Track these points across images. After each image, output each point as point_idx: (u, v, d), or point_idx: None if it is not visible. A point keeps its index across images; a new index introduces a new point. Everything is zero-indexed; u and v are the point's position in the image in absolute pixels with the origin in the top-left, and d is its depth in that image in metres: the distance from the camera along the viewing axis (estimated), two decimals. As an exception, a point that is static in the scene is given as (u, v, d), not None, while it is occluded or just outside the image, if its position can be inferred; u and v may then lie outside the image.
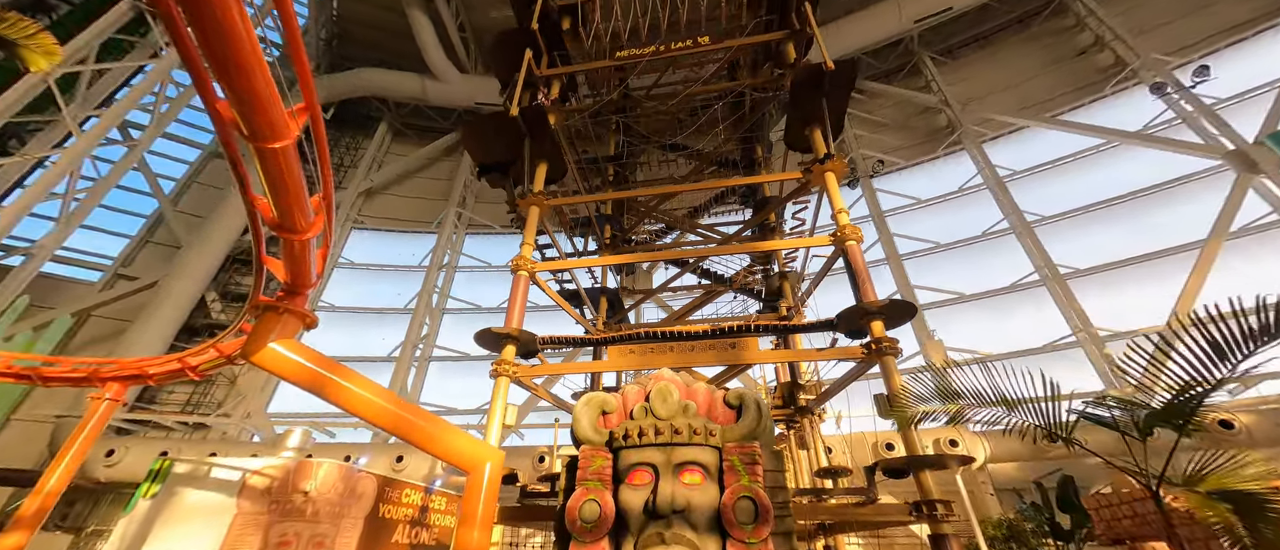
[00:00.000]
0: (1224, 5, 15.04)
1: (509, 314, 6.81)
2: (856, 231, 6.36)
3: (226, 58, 2.17)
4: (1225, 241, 12.22)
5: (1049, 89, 17.94)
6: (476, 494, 4.19)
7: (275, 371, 3.75)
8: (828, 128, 7.23)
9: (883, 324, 5.62)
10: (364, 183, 22.44)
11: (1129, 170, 14.95)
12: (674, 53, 8.52)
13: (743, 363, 6.63)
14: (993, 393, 3.33)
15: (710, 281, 12.66)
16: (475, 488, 4.22)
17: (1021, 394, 3.26)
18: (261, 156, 2.66)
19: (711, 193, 14.73)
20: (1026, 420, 3.26)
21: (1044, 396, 3.13)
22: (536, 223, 7.85)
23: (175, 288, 15.83)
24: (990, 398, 3.35)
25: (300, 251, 3.49)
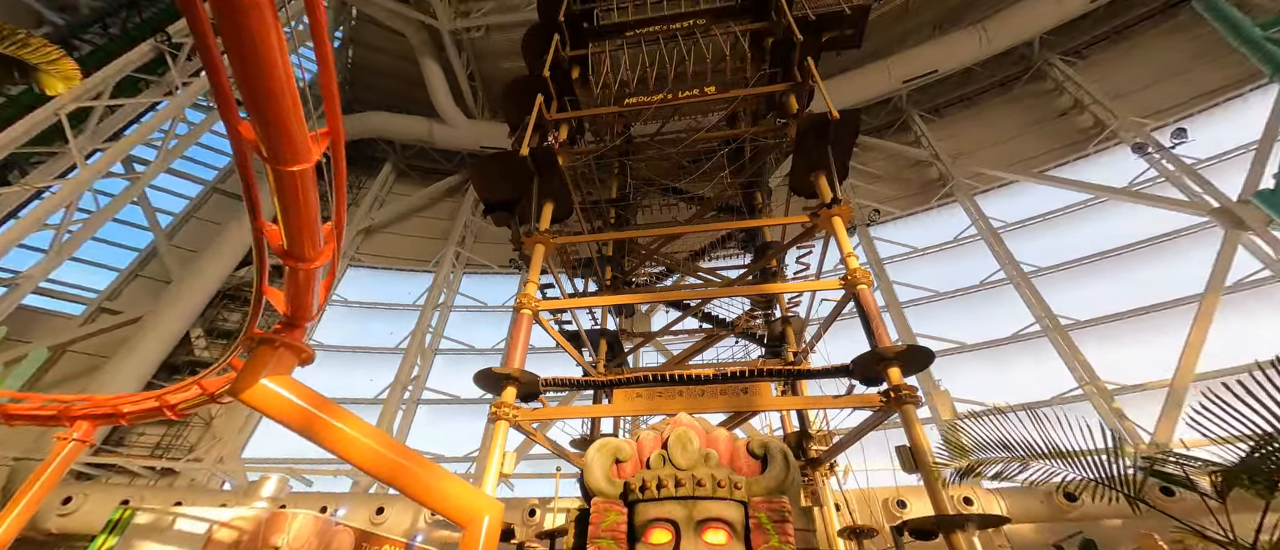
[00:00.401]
0: (1196, 73, 15.99)
1: (510, 353, 6.56)
2: (867, 275, 6.31)
3: (259, 81, 2.12)
4: (1222, 295, 12.31)
5: (1035, 146, 18.68)
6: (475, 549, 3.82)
7: (265, 410, 3.48)
8: (834, 174, 7.35)
9: (900, 371, 5.45)
10: (364, 221, 22.49)
11: (1120, 223, 15.31)
12: (681, 101, 8.79)
13: (755, 409, 6.36)
14: (1043, 444, 3.12)
15: (712, 325, 12.50)
16: (473, 543, 3.86)
17: (1060, 445, 3.05)
18: (279, 179, 2.56)
19: (712, 236, 14.85)
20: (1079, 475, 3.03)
21: (1105, 449, 2.91)
22: (541, 261, 7.76)
23: (160, 323, 15.36)
24: (1040, 449, 3.13)
25: (305, 281, 3.33)
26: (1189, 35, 17.23)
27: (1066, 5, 17.79)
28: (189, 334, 17.00)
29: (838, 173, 7.53)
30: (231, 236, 18.71)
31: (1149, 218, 14.81)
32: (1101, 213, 15.92)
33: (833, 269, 10.63)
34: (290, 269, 3.22)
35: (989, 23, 18.67)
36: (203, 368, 16.20)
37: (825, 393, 7.33)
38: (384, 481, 3.78)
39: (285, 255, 3.07)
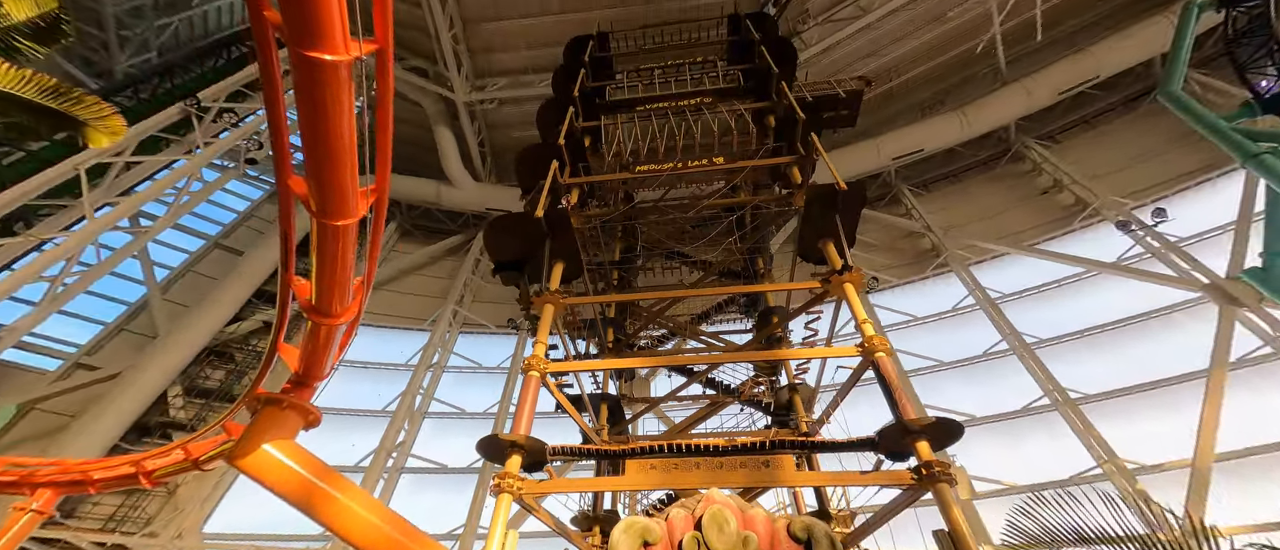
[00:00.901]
0: (1169, 157, 17.05)
1: (516, 418, 6.23)
2: (885, 343, 6.23)
3: (325, 140, 2.15)
4: (1228, 371, 12.27)
5: (1022, 221, 19.42)
6: None
7: (263, 480, 3.20)
8: (843, 241, 7.50)
9: (929, 445, 5.21)
10: (363, 278, 22.37)
11: (1114, 296, 15.57)
12: (691, 169, 9.15)
13: (777, 484, 6.00)
14: (1121, 528, 2.88)
15: (716, 392, 12.16)
16: None
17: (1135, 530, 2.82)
18: (324, 233, 2.53)
19: (715, 300, 14.88)
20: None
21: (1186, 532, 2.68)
22: (551, 322, 7.63)
23: (139, 379, 14.68)
24: (1115, 533, 2.88)
25: (326, 338, 3.21)
26: (1156, 123, 18.59)
27: (1035, 97, 19.31)
28: (166, 393, 16.20)
29: (847, 241, 7.69)
30: (227, 292, 18.46)
31: (1141, 291, 15.10)
32: (1094, 286, 16.24)
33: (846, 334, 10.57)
34: (314, 325, 3.10)
35: (967, 109, 20.13)
36: (177, 429, 15.33)
37: (844, 467, 6.97)
38: (385, 563, 3.40)
39: (311, 310, 2.97)
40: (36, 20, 5.01)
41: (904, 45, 20.27)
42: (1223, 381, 12.17)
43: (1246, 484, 10.97)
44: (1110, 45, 17.73)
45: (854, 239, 7.90)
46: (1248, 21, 10.49)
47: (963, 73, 22.46)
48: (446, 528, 15.60)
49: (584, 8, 20.11)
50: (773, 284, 9.86)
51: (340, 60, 1.91)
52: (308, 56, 1.83)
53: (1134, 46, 17.49)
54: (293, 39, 1.79)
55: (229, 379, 17.02)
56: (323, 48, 1.84)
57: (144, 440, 15.17)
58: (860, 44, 20.79)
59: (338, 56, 1.89)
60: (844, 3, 19.72)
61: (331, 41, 1.85)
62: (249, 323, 18.77)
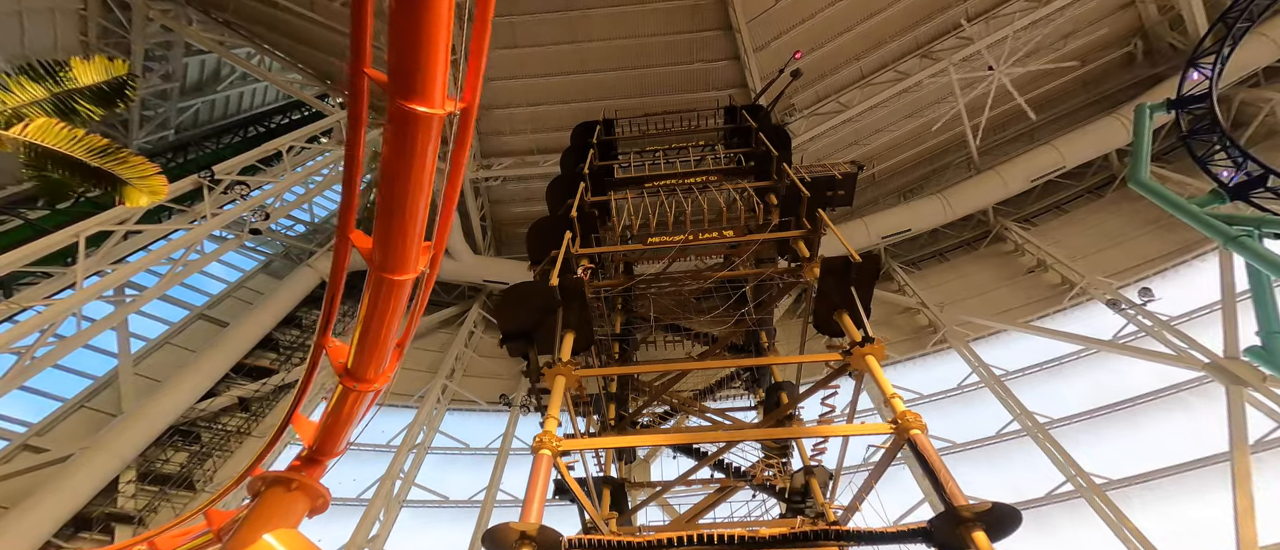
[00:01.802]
0: (1145, 239, 17.98)
1: (526, 505, 5.62)
2: (919, 419, 5.95)
3: (403, 189, 2.09)
4: (1250, 455, 11.96)
5: (1013, 299, 19.85)
6: None
7: (259, 577, 2.72)
8: (862, 312, 7.47)
9: (986, 536, 4.77)
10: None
11: (1116, 374, 15.53)
12: (701, 243, 9.31)
13: None
14: None
15: (725, 476, 11.40)
16: None
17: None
18: (379, 289, 2.38)
19: (718, 376, 14.47)
20: None
21: None
22: (562, 396, 7.23)
23: (93, 462, 13.33)
24: None
25: (353, 407, 2.92)
26: (1122, 209, 19.88)
27: (1010, 185, 20.69)
28: (117, 479, 14.64)
29: (864, 312, 7.67)
30: (204, 364, 17.49)
31: (1142, 369, 15.11)
32: (1095, 363, 16.25)
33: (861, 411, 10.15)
34: (343, 392, 2.82)
35: (948, 193, 21.40)
36: (122, 522, 13.66)
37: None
38: None
39: (346, 375, 2.72)
40: (103, 84, 5.20)
41: (884, 136, 21.95)
42: (1247, 466, 11.79)
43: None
44: (1071, 139, 19.40)
45: (869, 310, 7.88)
46: (1195, 120, 11.63)
47: (938, 161, 24.19)
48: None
49: (586, 99, 21.71)
50: (787, 356, 9.63)
51: (434, 114, 1.91)
52: (407, 107, 1.82)
53: (1092, 142, 19.17)
54: (396, 91, 1.80)
55: (191, 462, 15.56)
56: (422, 101, 1.85)
57: (80, 535, 13.44)
58: (843, 135, 22.49)
59: (433, 110, 1.90)
60: (826, 99, 21.63)
61: (430, 96, 1.87)
62: (223, 399, 17.61)
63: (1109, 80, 20.50)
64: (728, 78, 21.57)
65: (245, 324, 19.38)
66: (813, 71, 20.47)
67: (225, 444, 16.71)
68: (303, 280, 22.15)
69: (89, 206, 16.00)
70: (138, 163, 5.16)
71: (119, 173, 5.01)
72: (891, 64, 20.20)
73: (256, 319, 19.79)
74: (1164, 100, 12.14)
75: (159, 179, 5.34)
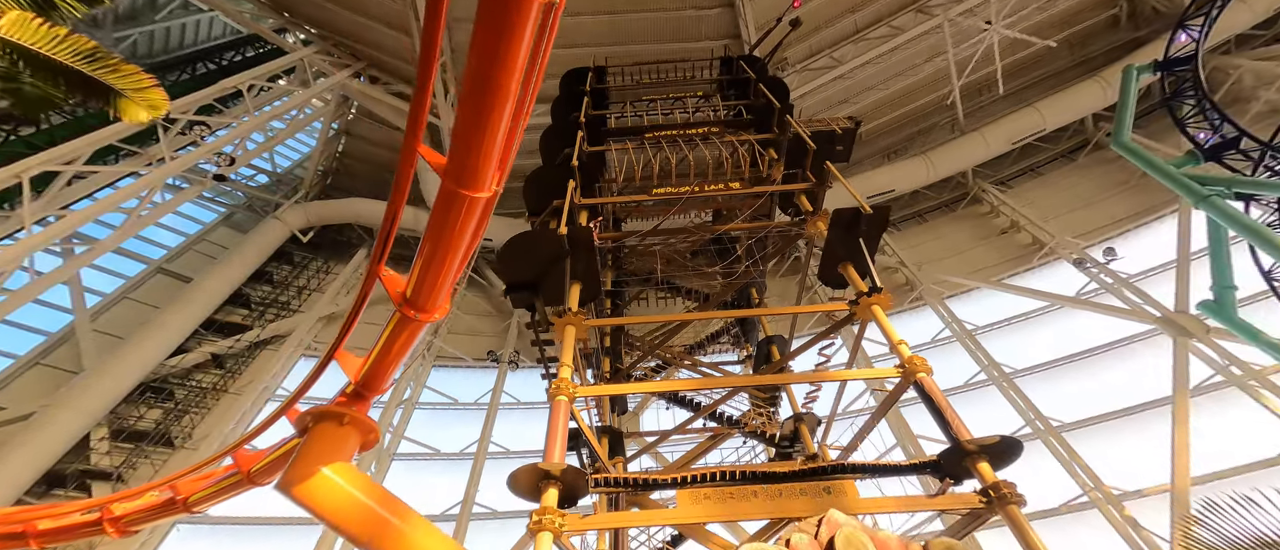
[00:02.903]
0: (1109, 201, 18.90)
1: (548, 449, 5.67)
2: (926, 363, 6.21)
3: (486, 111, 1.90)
4: (1190, 398, 13.17)
5: (987, 258, 20.72)
6: None
7: (320, 511, 2.63)
8: (869, 264, 7.60)
9: (990, 466, 5.11)
10: (329, 307, 20.84)
11: (1076, 327, 16.64)
12: (709, 192, 9.17)
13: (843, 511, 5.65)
14: None
15: (718, 424, 11.82)
16: None
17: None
18: (450, 206, 2.19)
19: (707, 331, 14.72)
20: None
21: None
22: (573, 345, 7.19)
23: (59, 420, 12.68)
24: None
25: (408, 339, 2.77)
26: (1092, 173, 20.72)
27: (991, 145, 21.09)
28: (88, 437, 14.04)
29: (871, 263, 7.80)
30: (170, 320, 16.61)
31: (1101, 322, 16.22)
32: (1057, 317, 17.32)
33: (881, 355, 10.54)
34: (400, 321, 2.66)
35: (932, 154, 21.69)
36: (99, 479, 13.23)
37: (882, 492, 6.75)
38: (458, 613, 2.84)
39: (405, 303, 2.56)
40: (85, -29, 4.43)
41: (874, 94, 21.82)
42: (1187, 408, 13.00)
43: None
44: (1053, 102, 19.78)
45: (873, 262, 8.02)
46: (1180, 82, 11.96)
47: (924, 122, 24.39)
48: (417, 585, 13.97)
49: (574, 44, 20.57)
50: (793, 307, 9.80)
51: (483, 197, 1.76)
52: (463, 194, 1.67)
53: (1072, 105, 19.60)
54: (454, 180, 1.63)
55: (167, 419, 15.02)
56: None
57: (53, 492, 12.96)
58: (832, 92, 22.21)
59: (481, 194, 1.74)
60: (819, 54, 21.19)
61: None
62: (194, 355, 16.89)
63: (1094, 42, 20.78)
64: (720, 27, 20.78)
65: (212, 279, 18.38)
66: (807, 24, 19.91)
67: (201, 401, 16.17)
68: (271, 233, 21.01)
69: (22, 146, 14.41)
70: (132, 71, 4.50)
71: (113, 83, 4.34)
72: (887, 18, 19.83)
73: (224, 274, 18.80)
74: (1151, 62, 12.39)
75: (158, 92, 4.69)
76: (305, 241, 22.02)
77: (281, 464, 3.80)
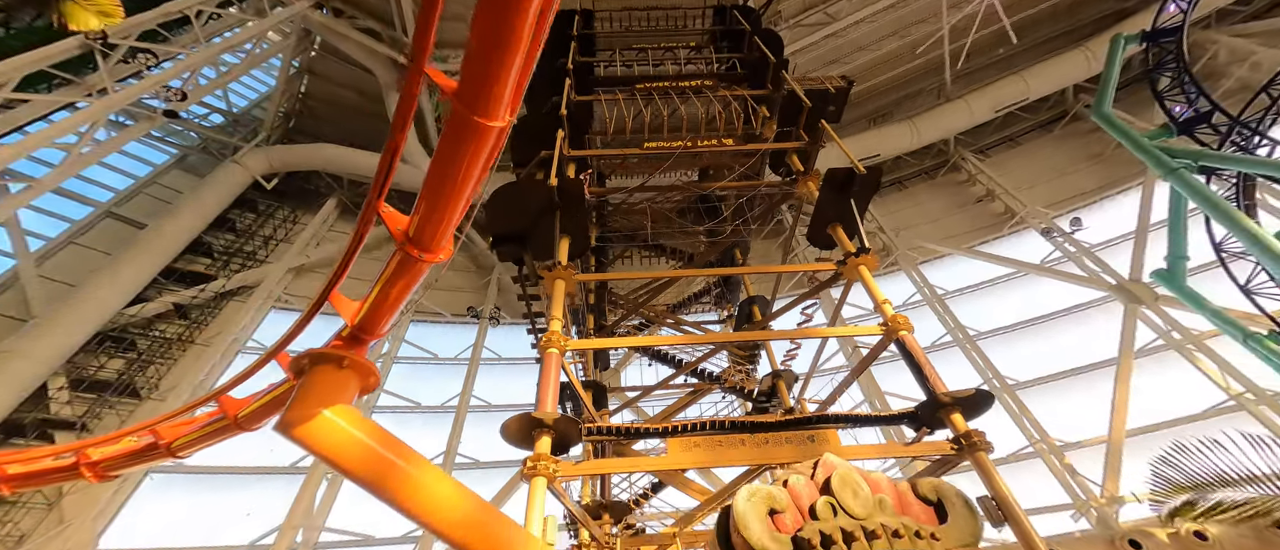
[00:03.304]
0: (1080, 173, 19.53)
1: (541, 399, 5.71)
2: (908, 322, 6.42)
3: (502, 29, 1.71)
4: (1135, 359, 14.19)
5: (960, 225, 21.31)
6: None
7: (323, 452, 2.56)
8: (858, 225, 7.67)
9: (963, 416, 5.41)
10: (298, 258, 20.04)
11: (1038, 294, 17.52)
12: (702, 148, 8.97)
13: None
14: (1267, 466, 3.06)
15: (699, 380, 12.16)
16: None
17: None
18: (462, 132, 2.02)
19: (689, 292, 14.86)
20: None
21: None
22: (562, 298, 7.12)
23: (10, 368, 12.04)
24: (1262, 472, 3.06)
25: (410, 280, 2.63)
26: (1066, 145, 21.25)
27: (976, 114, 21.26)
28: (46, 386, 13.42)
29: (860, 223, 7.88)
30: (125, 267, 15.69)
31: (1062, 289, 17.11)
32: (1024, 284, 18.17)
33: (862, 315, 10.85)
34: (401, 261, 2.52)
35: (917, 120, 21.76)
36: (62, 428, 12.78)
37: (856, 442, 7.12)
38: (463, 545, 2.88)
39: (408, 242, 2.41)
40: None
41: (866, 55, 21.45)
42: (1129, 369, 14.04)
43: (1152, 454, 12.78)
44: (1038, 71, 19.90)
45: (863, 223, 8.11)
46: (1163, 53, 12.13)
47: (910, 88, 24.26)
48: (398, 532, 14.32)
49: (558, -16, 19.30)
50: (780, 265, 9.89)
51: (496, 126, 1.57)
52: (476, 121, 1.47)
53: (1056, 74, 19.78)
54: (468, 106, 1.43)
55: (130, 370, 14.47)
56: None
57: (12, 441, 12.49)
58: (824, 51, 21.72)
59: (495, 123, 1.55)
60: (813, 9, 20.53)
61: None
62: (155, 305, 16.13)
63: (1083, 10, 20.75)
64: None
65: (169, 225, 17.32)
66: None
67: (166, 352, 15.59)
68: (230, 179, 19.77)
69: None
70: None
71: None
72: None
73: (181, 220, 17.73)
74: (1139, 32, 12.48)
75: (105, 0, 4.10)
76: (269, 188, 20.83)
77: (270, 409, 3.70)
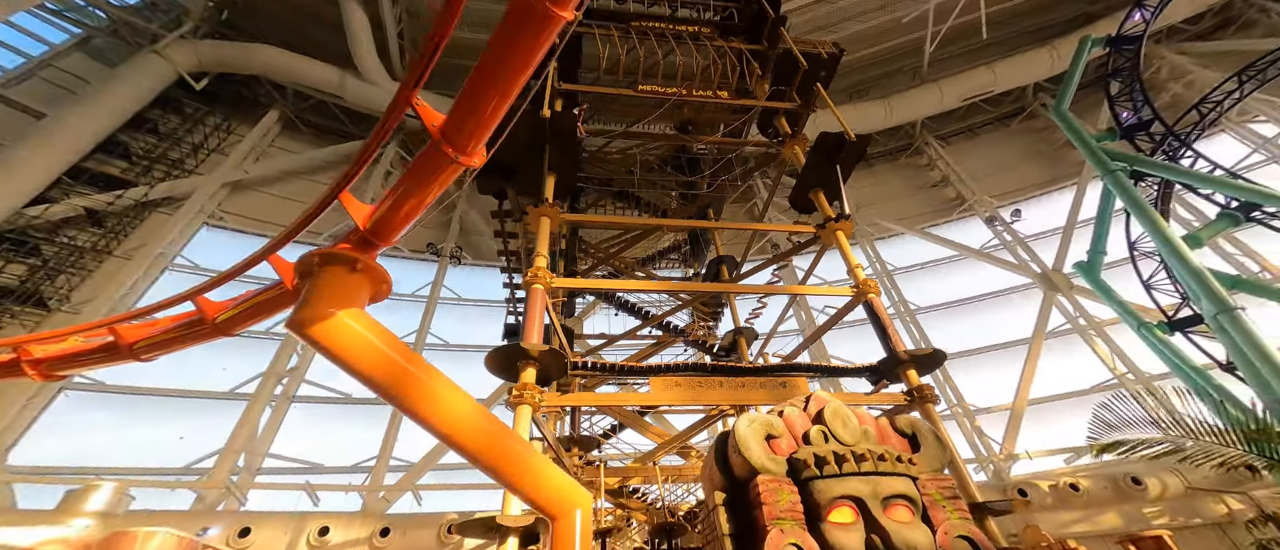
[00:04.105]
0: (1025, 168, 20.96)
1: (527, 332, 5.70)
2: (875, 285, 6.86)
3: None
4: (1045, 340, 15.97)
5: (915, 207, 22.48)
6: (571, 547, 3.16)
7: (335, 351, 2.46)
8: (842, 191, 7.93)
9: (916, 372, 5.95)
10: (234, 173, 18.20)
11: (976, 276, 19.09)
12: (696, 98, 8.80)
13: None
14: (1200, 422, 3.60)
15: (662, 332, 12.50)
16: (567, 537, 3.19)
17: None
18: (527, 18, 1.87)
19: (660, 247, 14.99)
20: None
21: None
22: (547, 236, 6.97)
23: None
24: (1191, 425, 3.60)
25: (438, 180, 2.48)
26: (1017, 141, 22.63)
27: (945, 100, 22.00)
28: (-71, 288, 11.77)
29: (837, 192, 8.16)
30: (23, 162, 13.67)
31: (995, 274, 18.71)
32: (963, 266, 19.68)
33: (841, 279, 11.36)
34: (429, 158, 2.36)
35: (892, 100, 22.27)
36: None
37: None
38: (478, 459, 2.93)
39: (442, 137, 2.25)
40: None
41: (853, 26, 21.38)
42: (1040, 348, 15.81)
43: (1052, 419, 14.77)
44: (1006, 65, 20.74)
45: (846, 189, 8.39)
46: (1121, 60, 12.97)
47: (887, 67, 24.58)
48: (353, 459, 14.18)
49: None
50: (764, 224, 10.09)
51: None
52: None
53: (1023, 71, 20.71)
54: None
55: (35, 277, 12.91)
56: None
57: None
58: (812, 16, 21.43)
59: None
60: (807, -32, 20.04)
61: None
62: (62, 207, 14.28)
63: (1055, 10, 21.56)
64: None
65: (73, 116, 15.10)
66: (801, -69, 18.56)
67: (77, 261, 13.98)
68: (150, 71, 17.32)
69: None
70: None
71: None
72: (882, -59, 18.95)
73: (90, 113, 15.49)
74: (1105, 36, 13.21)
75: None
76: (199, 89, 18.48)
77: (253, 314, 3.46)
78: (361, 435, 15.13)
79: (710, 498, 3.22)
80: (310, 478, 12.50)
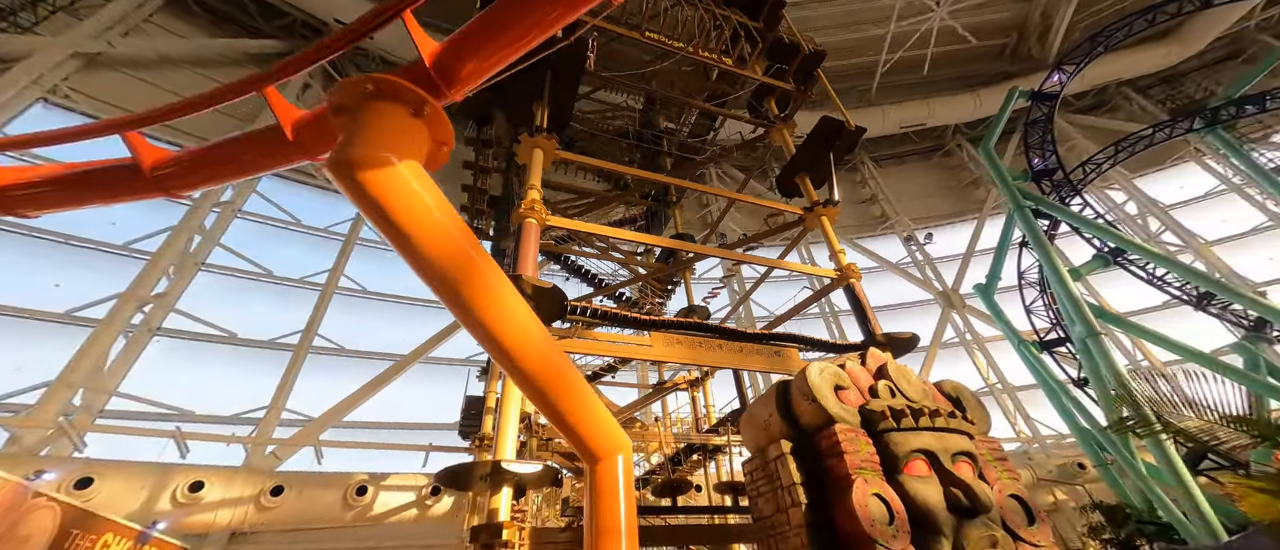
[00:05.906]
0: (939, 199, 23.56)
1: (521, 263, 5.03)
2: (858, 271, 7.11)
3: None
4: (939, 349, 18.15)
5: (847, 218, 24.27)
6: (614, 494, 2.79)
7: (395, 213, 1.75)
8: (831, 177, 8.10)
9: (893, 354, 6.25)
10: (91, 43, 14.37)
11: (895, 288, 21.15)
12: (703, 58, 8.43)
13: (786, 372, 6.37)
14: None
15: (616, 304, 12.18)
16: (610, 479, 2.81)
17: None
18: None
19: (618, 217, 14.61)
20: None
21: None
22: (540, 168, 6.24)
23: None
24: None
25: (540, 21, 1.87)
26: (934, 174, 25.37)
27: (887, 124, 23.91)
28: None
29: (826, 179, 8.34)
30: None
31: (905, 287, 20.89)
32: (883, 277, 21.71)
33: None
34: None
35: (841, 114, 23.71)
36: None
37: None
38: (534, 381, 2.40)
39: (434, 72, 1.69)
40: None
41: (821, 37, 22.28)
42: (934, 357, 17.95)
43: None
44: (940, 102, 23.02)
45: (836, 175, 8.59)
46: (1035, 114, 14.88)
47: (841, 84, 26.16)
48: (236, 408, 12.08)
49: None
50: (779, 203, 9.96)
51: None
52: None
53: (952, 111, 23.13)
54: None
55: None
56: None
57: None
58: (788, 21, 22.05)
59: None
60: (788, -30, 20.43)
61: None
62: None
63: (980, 63, 24.29)
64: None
65: None
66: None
67: None
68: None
69: None
70: None
71: None
72: (857, -40, 19.87)
73: None
74: (1030, 90, 15.06)
75: None
76: (48, -76, 14.22)
77: (202, 171, 2.51)
78: (245, 384, 12.95)
79: (768, 449, 2.99)
80: (182, 426, 10.40)
